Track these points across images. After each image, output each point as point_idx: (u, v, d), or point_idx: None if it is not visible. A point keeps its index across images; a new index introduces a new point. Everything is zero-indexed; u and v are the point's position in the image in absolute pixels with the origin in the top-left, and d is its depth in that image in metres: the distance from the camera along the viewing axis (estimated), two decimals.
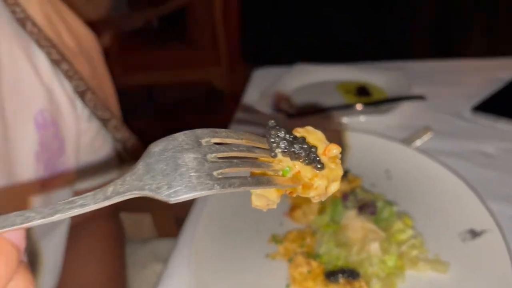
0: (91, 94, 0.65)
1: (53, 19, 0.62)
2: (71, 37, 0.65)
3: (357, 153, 0.57)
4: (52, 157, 0.60)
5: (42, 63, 0.59)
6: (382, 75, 0.82)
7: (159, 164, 0.20)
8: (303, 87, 0.83)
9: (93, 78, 0.68)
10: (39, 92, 0.58)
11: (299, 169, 0.24)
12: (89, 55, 0.69)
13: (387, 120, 0.68)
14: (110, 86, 0.76)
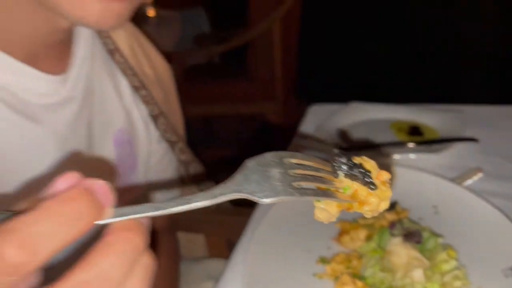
0: (163, 118, 0.72)
1: (136, 50, 0.71)
2: (150, 67, 0.74)
3: (406, 187, 0.60)
4: (125, 172, 0.68)
5: (124, 89, 0.68)
6: (436, 116, 0.85)
7: (253, 175, 0.27)
8: (356, 124, 0.87)
9: (165, 104, 0.76)
10: (120, 113, 0.67)
11: (356, 188, 0.30)
12: (163, 83, 0.77)
13: (438, 159, 0.70)
14: (179, 113, 0.84)
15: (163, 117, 0.72)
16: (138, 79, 0.69)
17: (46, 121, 0.54)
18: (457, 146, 0.73)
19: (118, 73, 0.67)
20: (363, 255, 0.47)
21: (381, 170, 0.32)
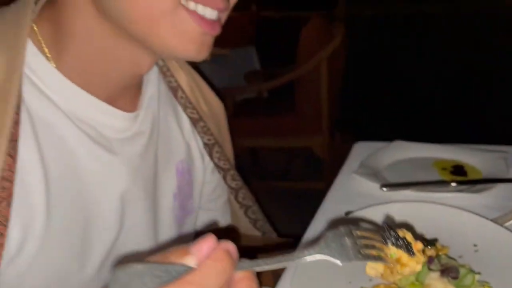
0: (218, 147, 0.80)
1: (193, 88, 0.79)
2: (205, 103, 0.82)
3: (447, 226, 0.63)
4: (184, 200, 0.75)
5: (184, 122, 0.76)
6: (479, 156, 0.87)
7: (332, 243, 0.37)
8: (400, 162, 0.91)
9: (219, 136, 0.83)
10: (181, 145, 0.75)
11: (400, 255, 0.42)
12: (217, 117, 0.85)
13: (481, 199, 0.72)
14: (230, 145, 0.91)
15: (218, 145, 0.80)
16: (196, 113, 0.77)
17: (121, 152, 0.62)
18: (500, 187, 0.74)
19: (179, 108, 0.76)
20: (402, 287, 0.51)
21: (417, 241, 0.44)
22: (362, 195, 0.79)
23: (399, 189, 0.77)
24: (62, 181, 0.56)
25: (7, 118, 0.48)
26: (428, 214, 0.65)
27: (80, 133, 0.57)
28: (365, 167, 0.87)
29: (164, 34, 0.53)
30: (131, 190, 0.64)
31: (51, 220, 0.54)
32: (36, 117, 0.53)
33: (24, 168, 0.51)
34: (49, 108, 0.55)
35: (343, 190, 0.84)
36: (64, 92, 0.56)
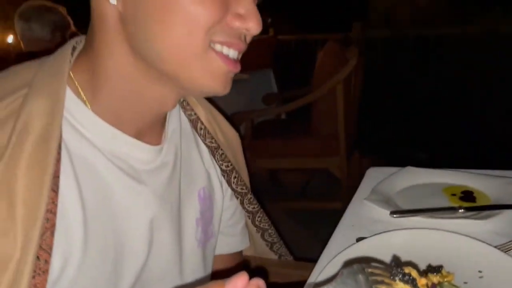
0: (235, 172, 0.85)
1: (210, 120, 0.85)
2: (221, 133, 0.87)
3: (452, 252, 0.66)
4: (205, 225, 0.80)
5: (204, 152, 0.82)
6: (488, 182, 0.89)
7: (347, 279, 0.43)
8: (410, 188, 0.94)
9: (235, 163, 0.88)
10: (202, 173, 0.80)
11: None
12: (233, 147, 0.91)
13: (488, 225, 0.75)
14: (246, 170, 0.96)
15: (235, 171, 0.85)
16: (215, 142, 0.82)
17: (148, 182, 0.68)
18: (507, 213, 0.77)
19: (199, 138, 0.82)
20: None
21: (421, 277, 0.48)
22: (373, 222, 0.83)
23: (408, 215, 0.80)
24: (97, 211, 0.62)
25: (50, 157, 0.55)
26: (434, 241, 0.68)
27: (113, 166, 0.63)
28: (377, 194, 0.91)
29: (195, 73, 0.59)
30: (158, 217, 0.69)
31: (88, 248, 0.60)
32: (74, 155, 0.59)
33: (65, 201, 0.57)
34: (85, 146, 0.61)
35: (355, 217, 0.87)
36: (98, 131, 0.62)
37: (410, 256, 0.66)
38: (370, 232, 0.77)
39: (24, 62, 0.64)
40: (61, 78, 0.59)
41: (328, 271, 0.64)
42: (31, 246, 0.52)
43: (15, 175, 0.52)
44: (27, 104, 0.56)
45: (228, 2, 0.58)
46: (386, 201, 0.89)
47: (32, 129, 0.55)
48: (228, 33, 0.59)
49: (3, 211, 0.52)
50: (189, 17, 0.56)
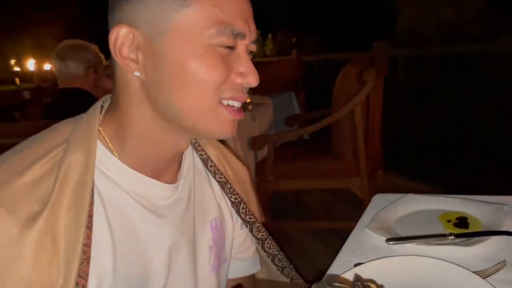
0: (244, 204, 0.95)
1: (220, 158, 0.96)
2: (231, 169, 0.98)
3: (434, 276, 0.73)
4: (218, 251, 0.90)
5: (215, 186, 0.92)
6: (481, 209, 0.95)
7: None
8: (409, 215, 1.01)
9: (244, 196, 0.98)
10: (213, 205, 0.91)
11: None
12: (242, 180, 1.01)
13: (475, 251, 0.82)
14: (255, 202, 1.05)
15: (243, 203, 0.95)
16: (224, 177, 0.93)
17: (166, 215, 0.79)
18: (494, 239, 0.83)
19: (210, 175, 0.92)
20: None
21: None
22: (372, 248, 0.90)
23: (402, 242, 0.87)
24: (124, 242, 0.73)
25: (85, 200, 0.66)
26: (419, 267, 0.75)
27: (136, 204, 0.75)
28: (376, 221, 0.98)
29: (209, 125, 0.72)
30: (175, 245, 0.80)
31: (117, 274, 0.71)
32: (104, 197, 0.71)
33: (97, 236, 0.68)
34: (113, 188, 0.73)
35: (355, 243, 0.95)
36: (123, 175, 0.74)
37: (397, 280, 0.73)
38: (368, 258, 0.84)
39: (64, 120, 0.77)
40: (92, 133, 0.71)
41: None
42: (71, 274, 0.63)
43: (58, 216, 0.64)
44: (67, 157, 0.68)
45: (230, 64, 0.70)
46: (385, 228, 0.96)
47: (71, 178, 0.66)
48: (233, 88, 0.71)
49: (48, 245, 0.63)
50: (200, 82, 0.68)
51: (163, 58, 0.67)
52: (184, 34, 0.66)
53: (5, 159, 0.68)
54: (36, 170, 0.66)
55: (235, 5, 0.69)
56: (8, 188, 0.62)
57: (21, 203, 0.62)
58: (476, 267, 0.77)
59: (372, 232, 0.93)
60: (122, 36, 0.68)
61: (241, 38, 0.70)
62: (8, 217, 0.60)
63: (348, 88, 2.66)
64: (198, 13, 0.66)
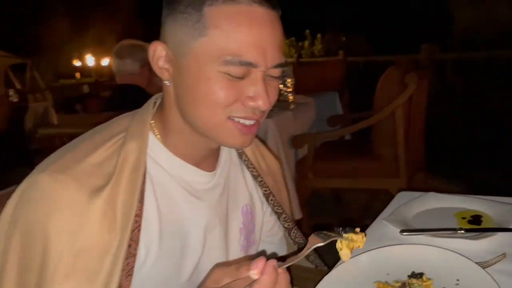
0: (272, 196, 1.06)
1: (255, 151, 1.08)
2: (263, 162, 1.09)
3: (438, 264, 0.81)
4: (248, 233, 1.02)
5: (248, 178, 1.04)
6: (497, 208, 1.01)
7: (320, 234, 0.67)
8: (427, 211, 1.08)
9: (274, 188, 1.09)
10: (245, 194, 1.03)
11: (351, 235, 0.73)
12: (273, 173, 1.12)
13: (481, 245, 0.88)
14: (286, 195, 1.16)
15: (272, 195, 1.06)
16: (256, 170, 1.04)
17: (204, 198, 0.92)
18: (501, 235, 0.89)
19: (244, 167, 1.04)
20: None
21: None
22: (387, 238, 0.99)
23: (415, 234, 0.96)
24: (168, 218, 0.86)
25: (139, 180, 0.80)
26: (425, 255, 0.83)
27: (179, 187, 0.88)
28: (395, 215, 1.06)
29: (219, 136, 0.82)
30: (210, 225, 0.93)
31: (162, 244, 0.84)
32: (154, 180, 0.85)
33: (147, 210, 0.82)
34: (161, 173, 0.86)
35: (374, 233, 1.04)
36: (170, 162, 0.87)
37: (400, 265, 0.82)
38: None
39: (123, 114, 0.91)
40: (145, 126, 0.85)
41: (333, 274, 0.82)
42: (124, 238, 0.76)
43: (118, 192, 0.78)
44: (125, 145, 0.82)
45: (242, 88, 0.77)
46: (403, 221, 1.04)
47: (128, 161, 0.80)
48: (244, 110, 0.78)
49: (109, 215, 0.76)
50: (208, 102, 0.77)
51: (184, 75, 0.79)
52: (199, 59, 0.75)
53: (77, 143, 0.84)
54: (101, 153, 0.80)
55: (251, 35, 0.73)
56: (79, 166, 0.77)
57: (89, 178, 0.77)
58: (480, 258, 0.84)
59: (389, 224, 1.02)
60: (158, 50, 0.81)
61: (252, 66, 0.75)
62: (79, 189, 0.75)
63: (390, 90, 2.70)
64: (212, 42, 0.73)
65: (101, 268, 0.73)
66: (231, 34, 0.73)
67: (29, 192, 0.75)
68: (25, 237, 0.73)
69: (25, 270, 0.73)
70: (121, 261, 0.75)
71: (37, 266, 0.72)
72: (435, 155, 3.74)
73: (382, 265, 0.85)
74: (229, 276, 0.63)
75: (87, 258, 0.73)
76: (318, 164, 2.88)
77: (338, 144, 3.31)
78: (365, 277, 0.82)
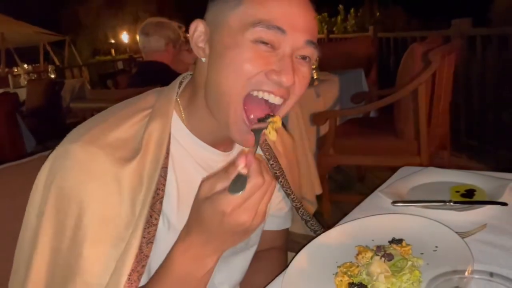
0: (283, 178, 1.11)
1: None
2: (281, 143, 1.15)
3: (420, 231, 0.85)
4: None
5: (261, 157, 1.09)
6: (490, 183, 1.04)
7: None
8: (423, 185, 1.12)
9: (287, 166, 1.15)
10: None
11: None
12: (288, 153, 1.18)
13: (467, 216, 0.92)
14: (297, 172, 1.22)
15: (282, 177, 1.12)
16: (270, 153, 1.10)
17: None
18: (488, 208, 0.93)
19: (259, 149, 1.09)
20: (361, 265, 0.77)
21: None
22: (379, 208, 1.04)
23: (406, 205, 1.00)
24: (186, 192, 0.90)
25: (161, 158, 0.84)
26: (409, 223, 0.89)
27: (196, 164, 0.93)
28: (392, 187, 1.11)
29: (230, 120, 0.83)
30: None
31: (179, 215, 0.89)
32: (174, 156, 0.90)
33: (168, 184, 0.87)
34: (181, 151, 0.91)
35: (369, 204, 1.09)
36: (190, 142, 0.92)
37: (385, 233, 0.87)
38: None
39: (150, 90, 0.96)
40: (170, 105, 0.90)
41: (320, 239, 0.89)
42: (145, 208, 0.78)
43: (144, 166, 0.83)
44: (151, 121, 0.85)
45: (270, 61, 0.78)
46: (398, 194, 1.09)
47: (153, 137, 0.85)
48: (267, 82, 0.79)
49: (136, 187, 0.79)
50: (235, 69, 0.78)
51: (217, 46, 0.81)
52: (232, 29, 0.78)
53: (107, 116, 0.88)
54: (127, 128, 0.85)
55: (282, 5, 0.77)
56: (107, 139, 0.82)
57: (116, 150, 0.82)
58: (463, 229, 0.88)
59: (383, 196, 1.07)
60: (199, 30, 0.83)
61: (281, 33, 0.77)
62: (106, 159, 0.80)
63: (413, 67, 2.66)
64: (246, 11, 0.77)
65: (125, 236, 0.78)
66: (264, 2, 0.77)
67: (62, 159, 0.80)
68: (59, 202, 0.78)
69: (59, 233, 0.77)
70: (141, 229, 0.78)
71: (71, 230, 0.77)
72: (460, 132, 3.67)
73: (368, 232, 0.90)
74: (220, 180, 0.68)
75: (113, 226, 0.79)
76: (339, 141, 2.90)
77: (362, 122, 3.32)
78: (350, 242, 0.88)
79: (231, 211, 0.67)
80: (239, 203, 0.66)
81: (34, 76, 9.03)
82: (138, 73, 2.81)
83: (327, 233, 0.91)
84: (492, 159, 3.58)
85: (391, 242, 0.84)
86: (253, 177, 0.66)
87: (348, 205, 1.21)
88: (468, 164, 3.61)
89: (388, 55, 5.14)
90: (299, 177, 1.26)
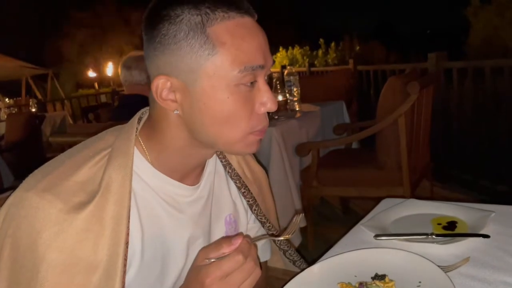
0: (256, 206, 1.10)
1: (240, 161, 1.11)
2: (249, 171, 1.13)
3: (402, 266, 0.84)
4: None
5: (232, 188, 1.08)
6: (471, 214, 1.03)
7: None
8: (404, 217, 1.11)
9: (260, 195, 1.13)
10: (229, 203, 1.07)
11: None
12: (259, 181, 1.16)
13: (449, 249, 0.91)
14: (272, 203, 1.20)
15: (255, 205, 1.10)
16: (240, 181, 1.08)
17: (186, 211, 0.94)
18: (469, 240, 0.92)
19: (229, 178, 1.08)
20: None
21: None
22: (361, 242, 1.02)
23: (388, 239, 0.99)
24: (150, 231, 0.88)
25: (127, 198, 0.81)
26: (391, 257, 0.87)
27: (162, 201, 0.90)
28: (374, 220, 1.10)
29: (237, 148, 0.84)
30: (193, 236, 0.96)
31: (144, 256, 0.87)
32: (138, 195, 0.87)
33: (131, 225, 0.83)
34: (145, 188, 0.88)
35: (351, 238, 1.07)
36: (154, 178, 0.89)
37: (367, 268, 0.86)
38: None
39: (109, 129, 0.93)
40: (131, 142, 0.87)
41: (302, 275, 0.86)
42: (119, 256, 0.76)
43: (105, 208, 0.79)
44: (111, 161, 0.81)
45: (253, 97, 0.80)
46: (380, 227, 1.07)
47: (115, 179, 0.81)
48: (260, 119, 0.82)
49: (95, 230, 0.76)
50: (230, 120, 0.79)
51: (197, 101, 0.78)
52: (213, 79, 0.76)
53: (64, 159, 0.85)
54: (85, 171, 0.82)
55: (253, 42, 0.78)
56: (64, 185, 0.79)
57: (73, 196, 0.79)
58: (446, 262, 0.87)
59: (365, 229, 1.05)
60: (161, 84, 0.79)
61: (260, 69, 0.79)
62: (63, 206, 0.76)
63: (392, 99, 2.71)
64: (224, 58, 0.75)
65: (88, 283, 0.74)
66: (239, 46, 0.76)
67: (16, 208, 0.77)
68: (14, 252, 0.75)
69: (14, 284, 0.74)
70: (119, 277, 0.76)
71: (26, 282, 0.73)
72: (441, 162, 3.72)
73: (351, 267, 0.88)
74: (213, 251, 0.72)
75: (72, 273, 0.75)
76: (322, 172, 2.90)
77: (344, 153, 3.34)
78: (332, 278, 0.86)
79: (209, 282, 0.70)
80: (218, 276, 0.69)
81: (15, 110, 8.94)
82: (119, 106, 2.80)
83: (309, 269, 0.89)
84: (474, 189, 3.62)
85: (374, 278, 0.82)
86: (236, 253, 0.68)
87: (333, 236, 1.19)
88: (451, 194, 3.63)
89: (368, 87, 5.24)
90: (275, 209, 1.24)
